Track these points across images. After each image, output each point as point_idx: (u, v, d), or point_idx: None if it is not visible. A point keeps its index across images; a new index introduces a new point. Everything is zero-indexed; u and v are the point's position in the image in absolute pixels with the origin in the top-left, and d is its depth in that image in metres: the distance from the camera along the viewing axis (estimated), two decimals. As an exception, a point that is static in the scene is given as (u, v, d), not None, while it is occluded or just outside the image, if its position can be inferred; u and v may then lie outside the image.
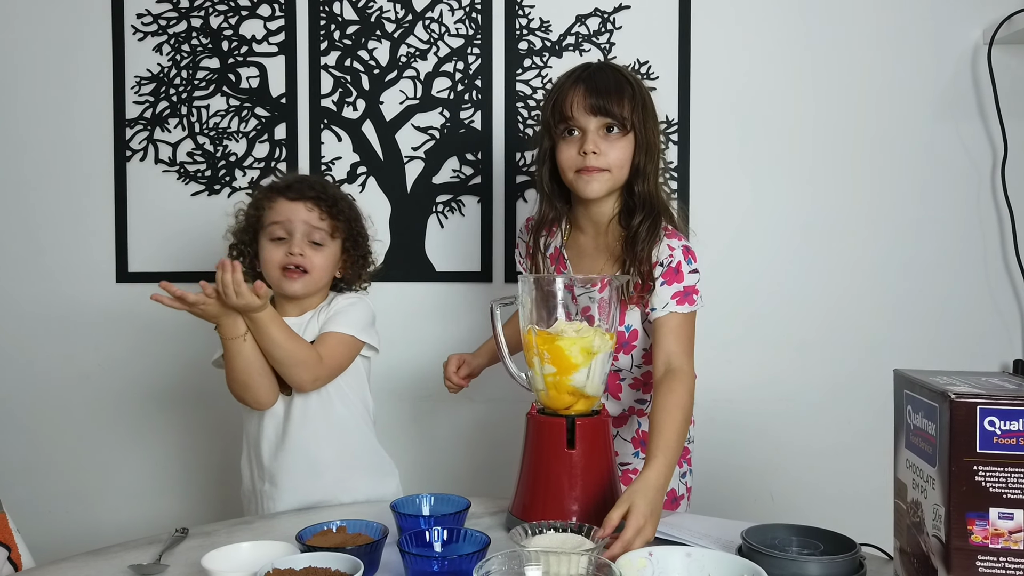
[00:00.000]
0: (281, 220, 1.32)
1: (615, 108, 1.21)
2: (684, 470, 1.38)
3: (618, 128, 1.22)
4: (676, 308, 1.23)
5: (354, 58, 1.84)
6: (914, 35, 1.75)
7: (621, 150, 1.23)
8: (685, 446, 1.37)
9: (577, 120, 1.23)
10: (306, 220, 1.32)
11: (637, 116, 1.23)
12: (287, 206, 1.33)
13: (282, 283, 1.32)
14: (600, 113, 1.22)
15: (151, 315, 1.88)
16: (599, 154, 1.22)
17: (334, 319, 1.34)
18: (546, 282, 1.14)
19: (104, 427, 1.91)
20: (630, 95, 1.23)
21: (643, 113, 1.24)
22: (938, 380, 0.78)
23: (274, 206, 1.33)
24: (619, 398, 1.35)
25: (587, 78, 1.24)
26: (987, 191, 1.76)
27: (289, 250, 1.31)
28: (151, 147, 1.87)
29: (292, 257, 1.31)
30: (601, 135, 1.22)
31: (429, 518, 1.03)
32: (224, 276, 1.18)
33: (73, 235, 1.89)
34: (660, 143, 1.29)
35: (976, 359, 1.76)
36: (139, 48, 1.86)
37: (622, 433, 1.37)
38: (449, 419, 1.87)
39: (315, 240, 1.33)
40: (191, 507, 1.89)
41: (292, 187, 1.34)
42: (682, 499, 1.37)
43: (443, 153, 1.84)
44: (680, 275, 1.24)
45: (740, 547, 0.93)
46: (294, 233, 1.32)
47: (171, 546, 1.06)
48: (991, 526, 0.71)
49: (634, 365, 1.33)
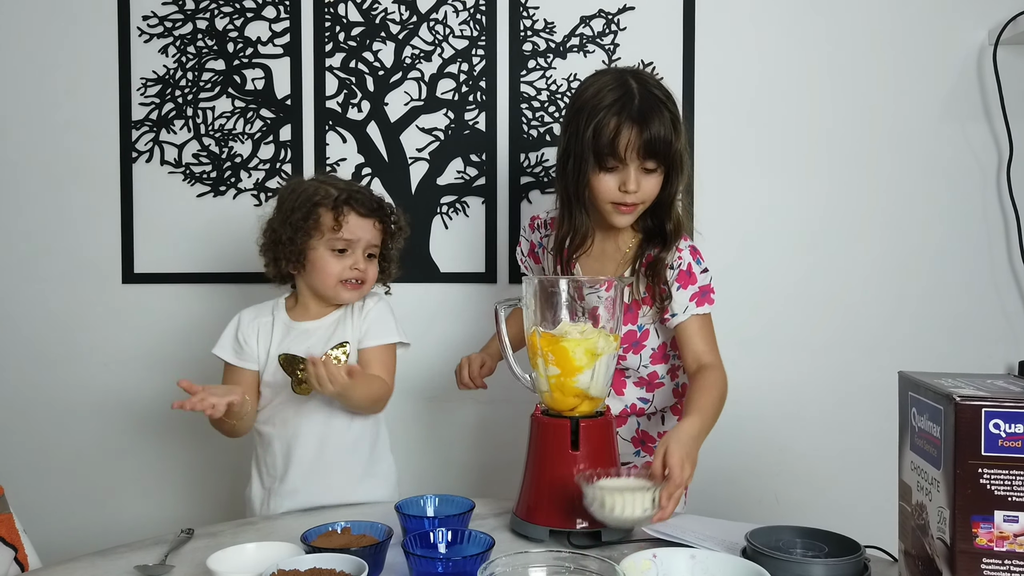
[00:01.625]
0: (351, 238, 1.33)
1: (662, 150, 1.20)
2: None
3: (655, 169, 1.23)
4: (697, 310, 1.27)
5: (359, 59, 1.85)
6: (919, 36, 1.75)
7: (655, 183, 1.24)
8: None
9: (623, 158, 1.20)
10: (371, 238, 1.36)
11: (678, 155, 1.23)
12: (358, 223, 1.34)
13: (339, 293, 1.35)
14: (650, 158, 1.21)
15: (157, 316, 1.89)
16: (638, 191, 1.22)
17: (373, 332, 1.37)
18: (551, 284, 1.14)
19: (110, 428, 1.91)
20: (676, 134, 1.21)
21: (682, 149, 1.23)
22: (943, 383, 0.78)
23: (343, 219, 1.32)
24: (622, 394, 1.36)
25: (639, 118, 1.18)
26: (992, 192, 1.75)
27: (354, 264, 1.34)
28: (157, 148, 1.88)
29: (356, 272, 1.33)
30: (641, 172, 1.22)
31: (433, 519, 1.04)
32: (319, 372, 1.18)
33: (79, 236, 1.90)
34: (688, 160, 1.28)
35: (982, 360, 1.75)
36: (145, 50, 1.87)
37: (622, 433, 1.37)
38: (454, 420, 1.87)
39: (371, 253, 1.37)
40: (197, 508, 1.90)
41: (361, 202, 1.35)
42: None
43: (447, 154, 1.84)
44: (693, 276, 1.27)
45: (744, 549, 0.93)
46: (357, 248, 1.34)
47: (177, 547, 1.06)
48: (996, 529, 0.71)
49: (641, 364, 1.33)
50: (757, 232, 1.79)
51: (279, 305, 1.41)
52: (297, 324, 1.38)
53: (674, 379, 1.39)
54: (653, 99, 1.20)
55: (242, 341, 1.36)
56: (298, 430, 1.34)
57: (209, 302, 1.88)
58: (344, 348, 1.35)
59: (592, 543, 1.05)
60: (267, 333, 1.37)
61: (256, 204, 1.86)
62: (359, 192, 1.36)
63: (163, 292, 1.88)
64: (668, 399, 1.38)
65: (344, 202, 1.33)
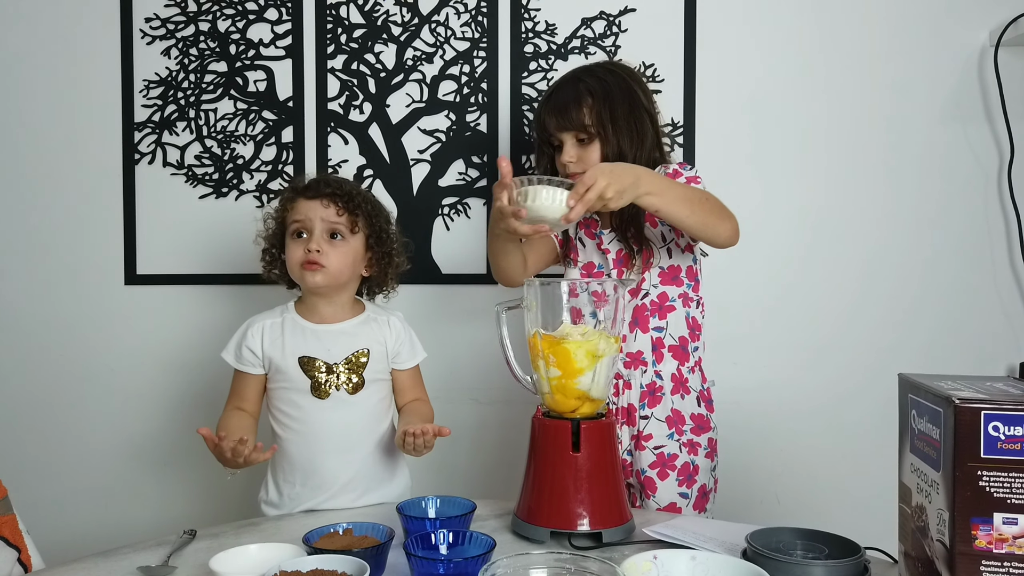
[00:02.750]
0: (300, 219, 1.36)
1: (576, 122, 1.36)
2: (715, 463, 1.39)
3: (586, 137, 1.37)
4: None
5: (361, 61, 1.85)
6: (920, 38, 1.75)
7: (595, 150, 1.37)
8: (713, 437, 1.40)
9: (554, 136, 1.40)
10: (324, 217, 1.36)
11: (601, 118, 1.35)
12: (305, 204, 1.37)
13: (304, 277, 1.36)
14: (564, 129, 1.38)
15: (160, 317, 1.90)
16: (577, 162, 1.37)
17: (406, 353, 1.43)
18: (552, 286, 1.15)
19: (113, 428, 1.92)
20: (589, 104, 1.36)
21: (611, 112, 1.35)
22: (943, 385, 0.78)
23: (294, 206, 1.38)
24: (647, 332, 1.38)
25: (550, 96, 1.41)
26: (994, 193, 1.75)
27: (308, 246, 1.34)
28: (159, 150, 1.88)
29: (310, 254, 1.34)
30: (575, 144, 1.38)
31: (435, 520, 1.04)
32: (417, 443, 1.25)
33: (82, 237, 1.90)
34: (646, 125, 1.39)
35: (983, 362, 1.75)
36: (147, 52, 1.88)
37: (656, 414, 1.36)
38: (455, 421, 1.84)
39: (335, 235, 1.37)
40: (200, 508, 1.90)
41: (309, 186, 1.39)
42: (711, 492, 1.39)
43: (449, 156, 1.84)
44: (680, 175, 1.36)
45: (745, 551, 0.93)
46: (313, 230, 1.36)
47: (179, 548, 1.07)
48: (995, 531, 0.71)
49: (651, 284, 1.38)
50: (756, 232, 1.79)
51: (288, 308, 1.42)
52: (311, 326, 1.38)
53: (686, 305, 1.39)
54: (569, 77, 1.41)
55: (250, 346, 1.36)
56: (318, 435, 1.34)
57: (212, 304, 1.88)
58: (364, 353, 1.37)
59: (593, 544, 1.05)
60: (278, 335, 1.37)
61: (258, 206, 1.87)
62: (313, 179, 1.41)
63: (166, 293, 1.89)
64: (682, 327, 1.38)
65: (290, 189, 1.42)
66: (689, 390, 1.38)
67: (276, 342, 1.36)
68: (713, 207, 1.25)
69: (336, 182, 1.40)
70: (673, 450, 1.35)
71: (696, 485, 1.36)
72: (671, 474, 1.34)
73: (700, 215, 1.22)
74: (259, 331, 1.37)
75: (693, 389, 1.39)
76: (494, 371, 1.76)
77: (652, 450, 1.35)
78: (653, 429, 1.36)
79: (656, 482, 1.35)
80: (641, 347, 1.37)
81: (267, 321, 1.38)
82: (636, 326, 1.38)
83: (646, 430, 1.36)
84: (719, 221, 1.24)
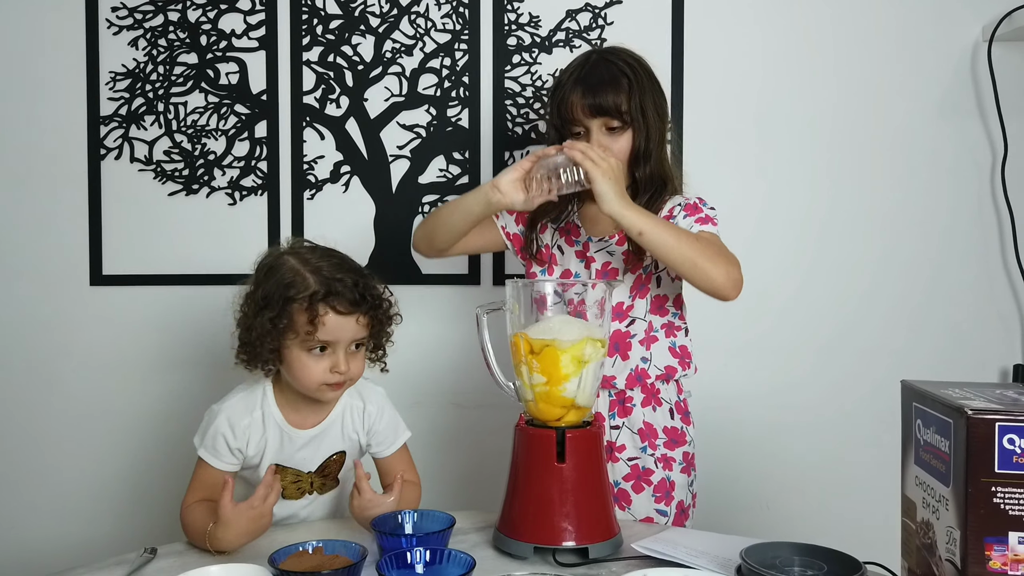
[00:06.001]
0: (330, 339, 1.14)
1: (612, 107, 1.25)
2: (692, 478, 1.34)
3: (618, 125, 1.27)
4: (702, 228, 1.25)
5: (337, 54, 1.79)
6: (913, 33, 1.72)
7: (625, 143, 1.28)
8: (692, 451, 1.34)
9: (581, 122, 1.28)
10: (354, 334, 1.16)
11: (635, 106, 1.26)
12: (337, 322, 1.13)
13: (321, 393, 1.17)
14: (599, 114, 1.26)
15: (127, 320, 1.83)
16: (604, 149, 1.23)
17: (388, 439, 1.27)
18: (535, 287, 1.09)
19: (75, 437, 1.84)
20: (627, 88, 1.26)
21: (641, 99, 1.27)
22: (951, 393, 0.74)
23: (320, 320, 1.12)
24: (627, 360, 1.30)
25: (584, 77, 1.27)
26: (987, 191, 1.72)
27: (334, 367, 1.15)
28: (126, 145, 1.81)
29: (337, 375, 1.15)
30: (604, 132, 1.27)
31: (411, 537, 0.98)
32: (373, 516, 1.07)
33: (45, 237, 1.82)
34: (665, 118, 1.32)
35: (976, 363, 1.72)
36: (114, 43, 1.80)
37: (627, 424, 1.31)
38: (435, 427, 1.81)
39: (358, 344, 1.19)
40: (165, 523, 1.82)
41: (340, 297, 1.13)
42: (689, 508, 1.33)
43: (429, 152, 1.78)
44: (700, 210, 1.28)
45: (739, 567, 0.89)
46: (339, 348, 1.15)
47: (138, 568, 1.00)
48: (1011, 551, 0.66)
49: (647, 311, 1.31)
50: (746, 229, 1.74)
51: (268, 399, 1.21)
52: (291, 431, 1.21)
53: (669, 336, 1.32)
54: (603, 63, 1.29)
55: (232, 445, 1.18)
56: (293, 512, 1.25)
57: (181, 306, 1.81)
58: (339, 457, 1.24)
59: (579, 561, 1.00)
60: (259, 437, 1.20)
61: (231, 203, 1.80)
62: (339, 282, 1.14)
63: (133, 294, 1.82)
64: (667, 357, 1.32)
65: (321, 299, 1.12)
66: (661, 402, 1.32)
67: (257, 445, 1.20)
68: (706, 248, 1.16)
69: (365, 291, 1.16)
70: (647, 464, 1.30)
71: (674, 502, 1.31)
72: (647, 488, 1.30)
73: (687, 251, 1.14)
74: (243, 432, 1.19)
75: (666, 401, 1.32)
76: (476, 374, 1.70)
77: (626, 462, 1.30)
78: (626, 440, 1.31)
79: (631, 495, 1.30)
80: (616, 373, 1.30)
81: (245, 420, 1.19)
82: (616, 352, 1.30)
83: (618, 440, 1.31)
84: (710, 263, 1.15)
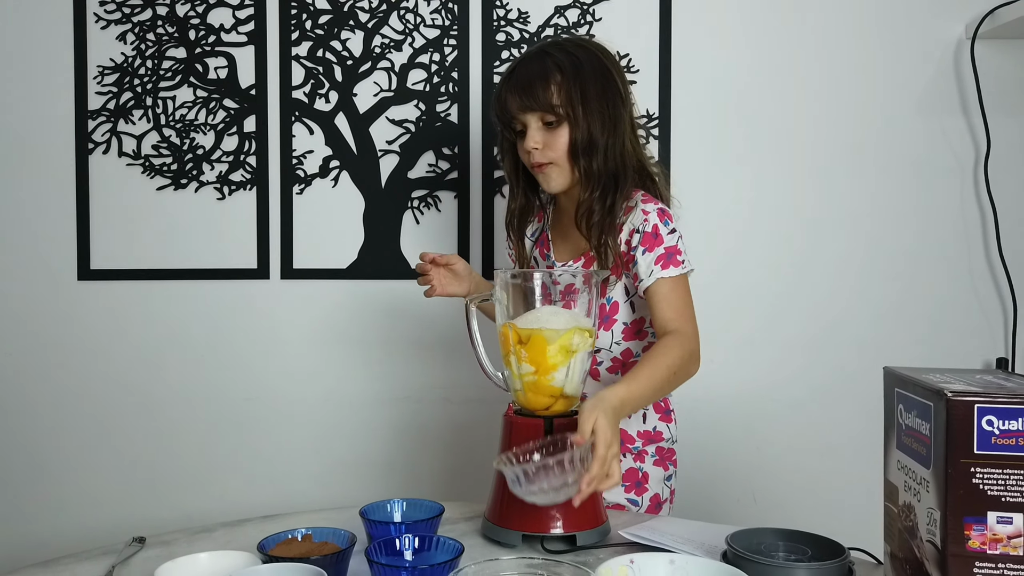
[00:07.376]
0: None
1: (543, 103, 1.18)
2: (669, 472, 1.33)
3: (554, 120, 1.20)
4: (662, 273, 1.18)
5: (326, 48, 1.79)
6: (896, 31, 1.73)
7: (562, 135, 1.20)
8: (670, 447, 1.33)
9: (518, 118, 1.21)
10: None
11: (571, 98, 1.18)
12: None
13: None
14: (529, 110, 1.20)
15: (114, 314, 1.82)
16: (542, 148, 1.21)
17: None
18: (523, 278, 1.10)
19: (64, 430, 1.83)
20: (558, 81, 1.18)
21: (582, 90, 1.18)
22: (932, 378, 0.75)
23: None
24: (598, 380, 1.31)
25: (514, 74, 1.22)
26: (970, 188, 1.74)
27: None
28: (114, 139, 1.80)
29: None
30: (540, 128, 1.21)
31: (400, 525, 0.99)
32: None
33: (33, 231, 1.82)
34: (620, 107, 1.22)
35: (959, 357, 1.74)
36: (102, 37, 1.79)
37: None
38: (424, 420, 1.82)
39: None
40: (155, 513, 1.82)
41: None
42: (665, 503, 1.33)
43: (419, 147, 1.79)
44: (659, 239, 1.19)
45: (725, 553, 0.90)
46: None
47: (126, 557, 1.00)
48: (989, 531, 0.67)
49: (613, 342, 1.28)
50: (732, 227, 1.76)
51: None
52: None
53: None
54: (536, 58, 1.22)
55: None
56: None
57: (169, 301, 1.80)
58: None
59: (566, 548, 1.01)
60: None
61: (219, 198, 1.80)
62: None
63: (121, 289, 1.81)
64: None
65: None
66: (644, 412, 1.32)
67: None
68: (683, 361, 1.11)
69: None
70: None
71: (647, 493, 1.28)
72: None
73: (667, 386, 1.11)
74: None
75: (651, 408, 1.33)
76: (466, 369, 1.71)
77: None
78: None
79: None
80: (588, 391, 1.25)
81: None
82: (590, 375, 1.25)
83: None
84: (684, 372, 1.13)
